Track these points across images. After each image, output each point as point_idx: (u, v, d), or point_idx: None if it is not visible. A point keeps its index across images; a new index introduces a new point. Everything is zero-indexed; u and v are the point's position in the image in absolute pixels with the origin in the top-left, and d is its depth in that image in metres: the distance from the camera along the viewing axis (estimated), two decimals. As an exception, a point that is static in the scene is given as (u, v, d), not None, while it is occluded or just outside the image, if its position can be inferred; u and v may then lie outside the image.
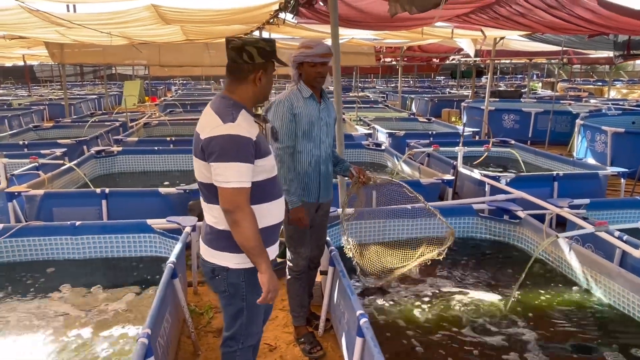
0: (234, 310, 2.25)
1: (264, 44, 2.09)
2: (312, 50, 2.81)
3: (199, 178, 2.14)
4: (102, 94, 18.98)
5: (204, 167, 2.06)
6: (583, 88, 22.52)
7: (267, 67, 2.12)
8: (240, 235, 2.02)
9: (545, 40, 9.24)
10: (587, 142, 8.71)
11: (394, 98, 18.73)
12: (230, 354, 2.33)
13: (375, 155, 7.77)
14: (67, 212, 4.72)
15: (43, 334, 2.97)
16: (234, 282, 2.18)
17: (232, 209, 2.00)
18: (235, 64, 2.09)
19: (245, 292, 2.20)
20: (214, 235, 2.18)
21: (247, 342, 2.32)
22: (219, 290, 2.24)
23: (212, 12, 6.67)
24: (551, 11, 4.99)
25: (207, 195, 2.14)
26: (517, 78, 35.67)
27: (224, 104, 2.08)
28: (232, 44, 2.07)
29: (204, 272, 2.30)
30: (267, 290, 2.05)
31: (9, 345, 2.86)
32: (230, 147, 1.97)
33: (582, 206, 4.30)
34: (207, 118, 2.06)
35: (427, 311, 3.28)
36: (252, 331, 2.32)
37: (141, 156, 7.29)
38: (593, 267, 3.29)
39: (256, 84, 2.11)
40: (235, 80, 2.12)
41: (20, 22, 6.41)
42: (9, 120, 11.77)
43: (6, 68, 29.67)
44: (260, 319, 2.37)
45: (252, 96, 2.14)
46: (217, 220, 2.14)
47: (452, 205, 4.65)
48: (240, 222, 2.00)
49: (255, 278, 2.12)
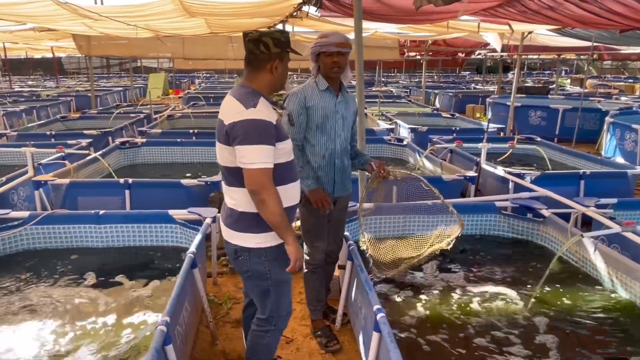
0: (261, 290, 2.37)
1: (279, 35, 2.22)
2: (328, 40, 2.79)
3: (222, 162, 2.24)
4: (128, 86, 19.29)
5: (227, 151, 2.17)
6: (613, 85, 21.89)
7: (282, 57, 2.24)
8: (268, 212, 2.14)
9: (575, 35, 8.99)
10: (616, 141, 8.48)
11: (418, 93, 18.53)
12: (260, 332, 2.44)
13: (396, 150, 7.70)
14: (91, 201, 4.82)
15: (66, 320, 3.03)
16: (256, 261, 2.29)
17: (258, 189, 2.11)
18: (252, 54, 2.22)
19: (269, 270, 2.30)
20: (234, 218, 2.28)
21: (278, 324, 2.44)
22: (242, 271, 2.36)
23: (236, 5, 6.69)
24: (582, 5, 4.84)
25: (229, 179, 2.26)
26: (545, 74, 34.91)
27: (244, 91, 2.19)
28: (250, 36, 2.20)
29: (227, 253, 2.41)
30: (295, 258, 2.22)
31: (34, 329, 2.93)
32: (253, 130, 2.08)
33: (609, 206, 4.18)
34: (229, 105, 2.18)
35: (445, 308, 3.24)
36: (282, 313, 2.43)
37: (164, 148, 7.38)
38: (619, 268, 3.20)
39: (273, 72, 2.23)
40: (253, 70, 2.24)
41: (49, 14, 6.54)
42: (37, 111, 12.05)
43: (35, 60, 30.45)
44: (288, 300, 2.46)
45: (270, 84, 2.26)
46: (237, 202, 2.25)
47: (474, 202, 4.59)
48: (266, 200, 2.12)
49: (277, 256, 2.28)
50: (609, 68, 31.00)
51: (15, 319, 3.04)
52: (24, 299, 3.26)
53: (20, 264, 3.71)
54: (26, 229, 3.85)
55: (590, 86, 20.56)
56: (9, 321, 3.01)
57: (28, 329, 2.94)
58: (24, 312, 3.11)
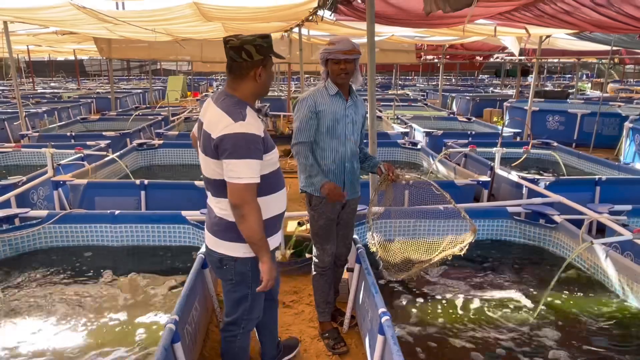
0: (238, 297, 2.36)
1: (261, 41, 2.15)
2: (335, 47, 2.81)
3: (209, 175, 2.23)
4: (147, 89, 19.61)
5: (214, 164, 2.15)
6: (635, 89, 21.48)
7: (266, 63, 2.20)
8: (246, 228, 2.13)
9: (594, 39, 8.87)
10: (636, 146, 8.33)
11: (435, 96, 18.44)
12: (231, 337, 2.45)
13: (410, 154, 7.69)
14: (108, 201, 4.93)
15: (80, 316, 3.12)
16: (242, 270, 2.29)
17: (241, 203, 2.09)
18: (235, 62, 2.16)
19: (252, 279, 2.31)
20: (222, 227, 2.26)
21: (247, 326, 2.45)
22: (226, 279, 2.35)
23: (252, 9, 6.78)
24: (599, 9, 4.80)
25: (215, 190, 2.24)
26: (565, 78, 34.43)
27: (230, 102, 2.15)
28: (231, 43, 2.14)
29: (210, 261, 2.42)
30: (267, 279, 2.19)
31: (50, 325, 3.02)
32: (242, 144, 2.05)
33: (624, 213, 4.13)
34: (216, 117, 2.13)
35: (453, 313, 3.24)
36: (254, 316, 2.44)
37: (181, 149, 7.50)
38: (630, 276, 3.17)
39: (257, 80, 2.19)
40: (236, 78, 2.20)
41: (70, 19, 6.71)
42: (58, 112, 12.32)
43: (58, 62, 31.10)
44: (262, 305, 2.47)
45: (254, 92, 2.23)
46: (228, 212, 2.22)
47: (486, 207, 4.56)
48: (247, 216, 2.10)
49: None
50: (631, 72, 30.40)
51: (31, 314, 3.14)
52: (41, 296, 3.36)
53: (38, 262, 3.82)
54: (44, 228, 3.97)
55: (611, 90, 20.20)
56: (26, 316, 3.11)
57: (44, 324, 3.03)
58: (41, 308, 3.21)
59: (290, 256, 4.18)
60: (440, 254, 3.21)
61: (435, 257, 3.21)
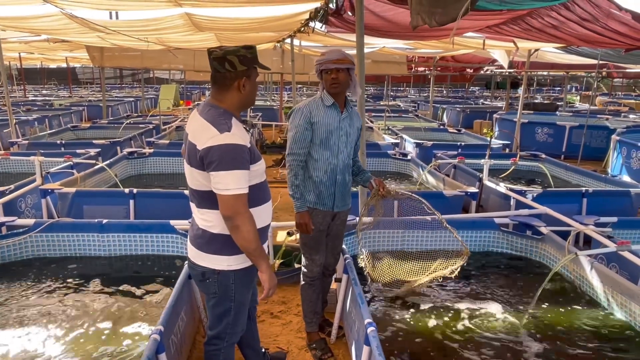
0: (222, 310, 2.33)
1: (244, 52, 2.14)
2: (325, 57, 2.85)
3: (194, 186, 2.21)
4: (139, 97, 19.57)
5: (200, 175, 2.13)
6: (624, 102, 21.80)
7: (250, 74, 2.18)
8: (242, 239, 2.11)
9: (581, 53, 9.03)
10: (623, 159, 8.44)
11: (426, 108, 18.59)
12: (215, 351, 2.42)
13: (400, 165, 7.74)
14: (96, 210, 4.91)
15: (65, 327, 3.09)
16: (225, 283, 2.26)
17: (233, 214, 2.08)
18: (218, 73, 2.15)
19: (235, 292, 2.29)
20: (205, 239, 2.24)
21: (231, 340, 2.42)
22: (209, 292, 2.32)
23: (244, 20, 6.83)
24: (584, 24, 4.90)
25: (200, 201, 2.22)
26: (554, 90, 34.85)
27: (215, 113, 2.14)
28: (214, 54, 2.13)
29: (192, 275, 2.40)
30: (268, 287, 2.19)
31: (35, 336, 2.99)
32: (228, 155, 2.04)
33: (609, 224, 4.18)
34: (201, 128, 2.11)
35: (441, 324, 3.25)
36: (237, 330, 2.42)
37: (171, 158, 7.48)
38: (614, 287, 3.20)
39: (241, 91, 2.17)
40: (220, 89, 2.18)
41: (61, 28, 6.71)
42: (49, 120, 12.27)
43: (50, 69, 31.00)
44: (245, 318, 2.46)
45: (239, 103, 2.21)
46: (212, 224, 2.21)
47: (474, 219, 4.60)
48: (241, 226, 2.09)
49: (244, 279, 2.27)
50: (619, 85, 30.87)
51: (16, 325, 3.10)
52: (26, 306, 3.32)
53: (24, 271, 3.78)
54: (31, 237, 3.93)
55: (600, 103, 20.47)
56: (9, 327, 3.07)
57: (29, 335, 3.00)
58: (25, 319, 3.17)
59: (279, 266, 4.17)
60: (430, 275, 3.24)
61: (425, 278, 3.25)
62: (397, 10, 5.04)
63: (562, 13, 4.66)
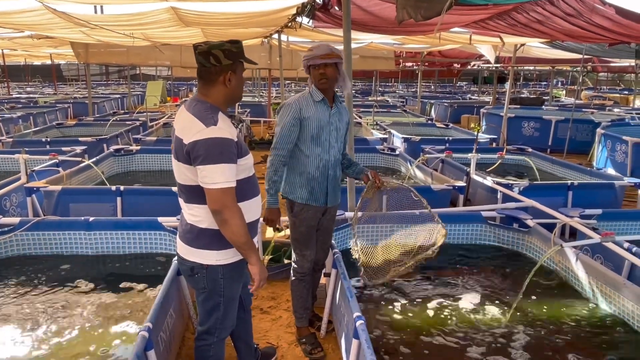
0: (211, 305, 2.33)
1: (229, 46, 2.13)
2: (312, 53, 2.83)
3: (182, 181, 2.20)
4: (126, 94, 19.37)
5: (187, 170, 2.13)
6: (608, 96, 22.07)
7: (235, 68, 2.17)
8: (230, 232, 2.11)
9: (566, 48, 9.12)
10: (608, 152, 8.55)
11: (414, 103, 18.65)
12: (205, 347, 2.42)
13: (389, 160, 7.77)
14: (83, 208, 4.85)
15: (52, 326, 3.06)
16: (214, 278, 2.26)
17: (221, 208, 2.07)
18: (204, 67, 2.14)
19: (224, 287, 2.29)
20: (194, 234, 2.24)
21: (221, 335, 2.42)
22: (198, 287, 2.32)
23: (231, 15, 6.78)
24: (569, 19, 4.94)
25: (188, 196, 2.22)
26: (541, 85, 35.17)
27: (201, 107, 2.13)
28: (199, 48, 2.13)
29: (181, 270, 2.40)
30: (259, 280, 2.21)
31: (21, 335, 2.96)
32: (215, 149, 2.03)
33: (594, 216, 4.23)
34: (187, 122, 2.11)
35: (428, 316, 3.28)
36: (227, 325, 2.42)
37: (159, 155, 7.43)
38: (599, 278, 3.25)
39: (226, 85, 2.16)
40: (206, 84, 2.17)
41: (45, 23, 6.62)
42: (34, 118, 12.10)
43: (35, 66, 30.56)
44: (235, 313, 2.46)
45: (225, 97, 2.20)
46: (200, 219, 2.20)
47: (461, 212, 4.64)
48: (229, 220, 2.08)
49: (233, 273, 2.27)
50: (604, 80, 31.25)
51: (0, 323, 3.07)
52: (11, 304, 3.28)
53: (10, 270, 3.74)
54: (16, 235, 3.89)
55: (585, 97, 20.71)
56: (-4, 326, 3.04)
57: (13, 335, 2.97)
58: (10, 318, 3.14)
59: (268, 262, 4.17)
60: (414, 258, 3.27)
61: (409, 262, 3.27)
62: (383, 5, 5.04)
63: (547, 8, 4.69)
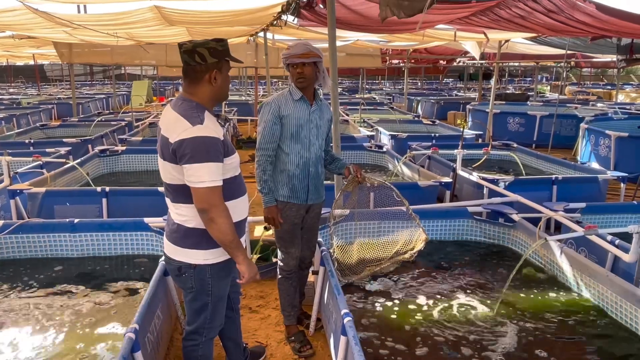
0: (199, 305, 2.33)
1: (214, 44, 2.12)
2: (290, 52, 2.84)
3: (168, 180, 2.19)
4: (111, 94, 19.16)
5: (173, 169, 2.12)
6: (592, 92, 22.35)
7: (221, 67, 2.16)
8: (217, 231, 2.10)
9: (550, 43, 9.22)
10: (591, 146, 8.67)
11: (401, 100, 18.72)
12: (193, 347, 2.41)
13: (376, 157, 7.80)
14: (68, 210, 4.80)
15: (37, 329, 3.03)
16: (201, 278, 2.25)
17: (208, 207, 2.06)
18: (189, 66, 2.14)
19: (211, 287, 2.28)
20: (181, 234, 2.23)
21: (209, 334, 2.42)
22: (186, 287, 2.32)
23: (215, 13, 6.74)
24: (550, 15, 4.99)
25: (175, 195, 2.21)
26: (526, 81, 35.50)
27: (187, 106, 2.13)
28: (184, 47, 2.12)
29: (168, 269, 2.39)
30: (248, 277, 2.20)
31: (6, 339, 2.92)
32: (201, 148, 2.02)
33: (578, 210, 4.29)
34: (173, 121, 2.10)
35: (416, 313, 3.30)
36: (215, 324, 2.42)
37: (145, 155, 7.38)
38: (582, 271, 3.30)
39: (212, 83, 2.16)
40: (191, 83, 2.17)
41: (26, 23, 6.52)
42: (17, 119, 11.93)
43: (17, 67, 30.08)
44: (223, 312, 2.45)
45: (211, 96, 2.20)
46: (187, 218, 2.20)
47: (448, 208, 4.66)
48: (216, 219, 2.07)
49: (221, 273, 2.27)
50: (588, 75, 31.63)
51: (-14, 328, 3.02)
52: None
53: (-7, 274, 3.68)
54: (0, 239, 3.83)
55: (569, 93, 20.95)
56: (-20, 331, 2.99)
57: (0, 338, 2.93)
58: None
59: (256, 261, 4.17)
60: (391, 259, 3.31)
61: (385, 262, 3.31)
62: (368, 5, 5.05)
63: (529, 4, 4.74)
